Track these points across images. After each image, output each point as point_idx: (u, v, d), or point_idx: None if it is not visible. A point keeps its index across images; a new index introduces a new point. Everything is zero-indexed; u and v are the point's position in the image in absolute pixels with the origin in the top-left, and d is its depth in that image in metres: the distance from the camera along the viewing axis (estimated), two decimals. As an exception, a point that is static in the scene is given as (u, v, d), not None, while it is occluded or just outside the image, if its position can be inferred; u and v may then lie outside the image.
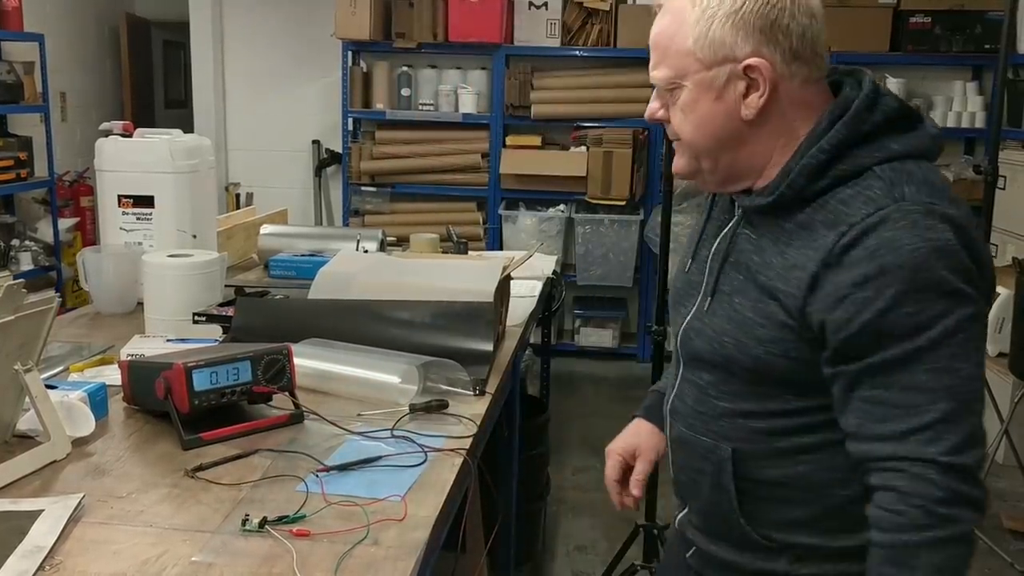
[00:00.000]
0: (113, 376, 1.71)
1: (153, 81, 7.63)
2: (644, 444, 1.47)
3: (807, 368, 1.15)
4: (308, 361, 1.73)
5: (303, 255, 2.65)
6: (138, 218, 2.39)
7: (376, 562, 1.14)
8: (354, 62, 5.47)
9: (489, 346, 1.86)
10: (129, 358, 1.78)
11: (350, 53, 5.42)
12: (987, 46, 4.86)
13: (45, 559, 1.12)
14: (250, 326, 1.92)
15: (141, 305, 2.18)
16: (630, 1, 5.21)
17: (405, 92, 5.38)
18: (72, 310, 2.38)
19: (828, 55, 1.19)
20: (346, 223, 5.50)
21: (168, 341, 1.96)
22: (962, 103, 5.08)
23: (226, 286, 2.25)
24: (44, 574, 1.10)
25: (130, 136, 2.45)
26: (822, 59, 1.17)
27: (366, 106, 5.43)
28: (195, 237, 2.43)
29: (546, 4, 5.21)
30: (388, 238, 2.93)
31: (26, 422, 1.47)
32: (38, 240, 5.41)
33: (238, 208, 5.28)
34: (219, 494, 1.31)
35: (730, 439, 1.23)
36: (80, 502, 1.25)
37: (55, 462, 1.40)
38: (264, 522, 1.20)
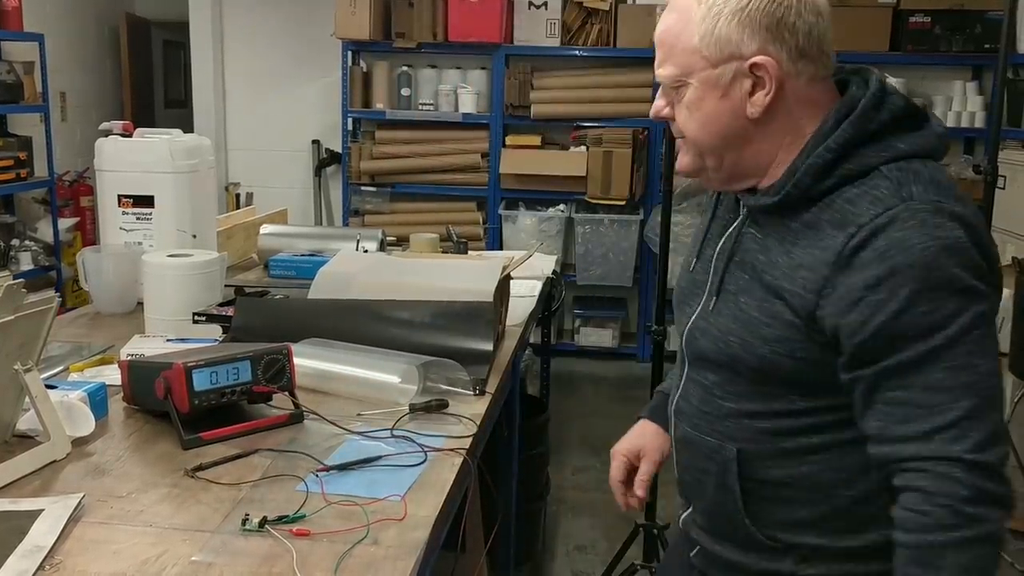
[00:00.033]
0: (113, 376, 1.70)
1: (153, 81, 7.63)
2: (649, 445, 1.47)
3: (813, 368, 1.14)
4: (308, 361, 1.73)
5: (303, 255, 2.65)
6: (138, 218, 2.38)
7: (376, 562, 1.14)
8: (354, 62, 5.47)
9: (489, 346, 1.85)
10: (129, 358, 1.78)
11: (350, 53, 5.42)
12: (987, 46, 4.85)
13: (45, 559, 1.12)
14: (250, 326, 1.92)
15: (141, 305, 2.17)
16: (630, 1, 5.20)
17: (405, 92, 5.38)
18: (72, 310, 2.38)
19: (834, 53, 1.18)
20: (346, 223, 5.50)
21: (168, 341, 1.96)
22: (962, 103, 5.08)
23: (226, 286, 2.25)
24: (44, 574, 1.10)
25: (130, 136, 2.45)
26: (828, 57, 1.16)
27: (366, 106, 5.43)
28: (195, 237, 2.42)
29: (546, 4, 5.21)
30: (388, 238, 2.93)
31: (26, 422, 1.47)
32: (38, 240, 5.41)
33: (238, 208, 5.28)
34: (219, 494, 1.31)
35: (735, 439, 1.23)
36: (80, 502, 1.24)
37: (55, 462, 1.39)
38: (264, 522, 1.20)
